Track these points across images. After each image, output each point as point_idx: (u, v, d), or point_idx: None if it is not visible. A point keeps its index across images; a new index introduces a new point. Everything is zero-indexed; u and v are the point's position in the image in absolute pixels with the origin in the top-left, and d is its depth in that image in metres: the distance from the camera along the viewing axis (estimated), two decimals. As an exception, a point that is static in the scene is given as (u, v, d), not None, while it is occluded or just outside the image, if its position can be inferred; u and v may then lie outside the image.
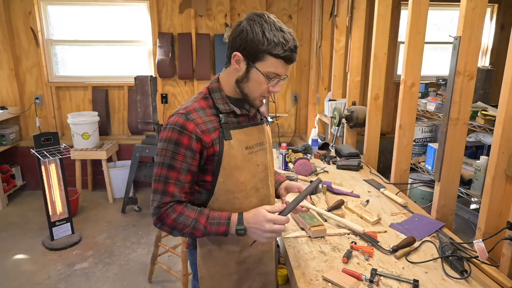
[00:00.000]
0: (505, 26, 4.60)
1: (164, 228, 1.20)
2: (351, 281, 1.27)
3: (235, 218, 1.18)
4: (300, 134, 4.72)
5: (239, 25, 1.17)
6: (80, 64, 4.39)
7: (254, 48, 1.14)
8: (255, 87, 1.21)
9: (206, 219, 1.18)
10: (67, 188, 3.27)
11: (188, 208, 1.20)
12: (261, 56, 1.14)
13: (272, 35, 1.12)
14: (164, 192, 1.17)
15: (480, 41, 1.65)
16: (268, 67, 1.16)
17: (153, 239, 3.11)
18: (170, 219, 1.17)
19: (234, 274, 1.32)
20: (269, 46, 1.13)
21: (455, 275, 1.33)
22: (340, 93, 3.54)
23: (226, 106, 1.24)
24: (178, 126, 1.16)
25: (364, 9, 2.97)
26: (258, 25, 1.13)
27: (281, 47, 1.13)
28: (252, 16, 1.16)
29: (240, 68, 1.19)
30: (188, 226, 1.17)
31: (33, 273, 2.85)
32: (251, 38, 1.13)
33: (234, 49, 1.18)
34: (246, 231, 1.18)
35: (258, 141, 1.31)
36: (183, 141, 1.16)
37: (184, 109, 1.20)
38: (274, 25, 1.14)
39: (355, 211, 1.81)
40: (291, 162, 2.55)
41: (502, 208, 1.45)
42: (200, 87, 4.40)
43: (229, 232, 1.19)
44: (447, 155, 1.76)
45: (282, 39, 1.13)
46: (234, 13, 4.31)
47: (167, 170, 1.17)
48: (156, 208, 1.18)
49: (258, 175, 1.31)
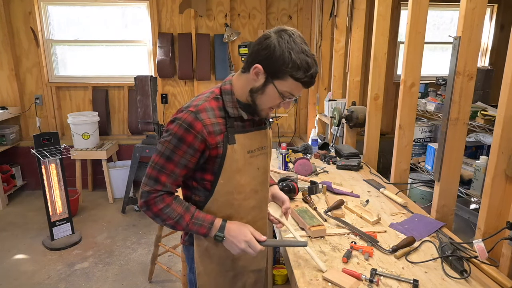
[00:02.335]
0: (505, 26, 4.60)
1: (148, 213, 1.23)
2: (351, 281, 1.27)
3: (218, 224, 1.24)
4: (300, 134, 4.72)
5: (267, 38, 1.15)
6: (80, 64, 4.40)
7: (278, 67, 1.13)
8: (267, 101, 1.22)
9: (191, 217, 1.22)
10: (67, 188, 3.27)
11: (176, 202, 1.23)
12: (282, 75, 1.14)
13: (297, 57, 1.11)
14: (156, 179, 1.20)
15: (480, 41, 1.65)
16: (286, 87, 1.16)
17: (153, 239, 3.11)
18: (157, 207, 1.20)
19: (230, 271, 1.36)
20: (292, 68, 1.12)
21: (455, 275, 1.33)
22: (340, 93, 3.55)
23: (235, 110, 1.25)
24: (185, 123, 1.17)
25: (364, 9, 2.97)
26: (286, 44, 1.12)
27: (304, 72, 1.13)
28: (282, 33, 1.14)
29: (258, 79, 1.18)
30: (172, 219, 1.21)
31: (33, 273, 2.86)
32: (277, 56, 1.12)
33: (257, 61, 1.16)
34: (223, 239, 1.24)
35: (260, 145, 1.33)
36: (188, 138, 1.17)
37: (195, 107, 1.20)
38: (301, 47, 1.13)
39: (355, 211, 1.81)
40: (291, 162, 2.55)
41: (502, 208, 1.45)
42: (200, 87, 4.41)
43: (208, 235, 1.24)
44: (447, 155, 1.76)
45: (306, 64, 1.12)
46: (234, 13, 4.31)
47: (164, 160, 1.19)
48: (146, 192, 1.20)
49: (258, 178, 1.33)
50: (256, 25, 4.35)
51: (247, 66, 1.21)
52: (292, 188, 1.94)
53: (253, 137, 1.30)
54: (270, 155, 1.42)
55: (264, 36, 1.17)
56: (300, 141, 4.43)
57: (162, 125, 3.85)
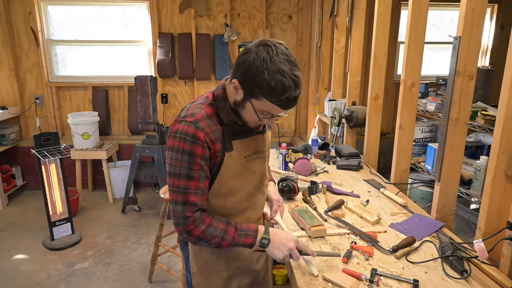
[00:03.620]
0: (505, 26, 4.60)
1: (190, 238, 1.19)
2: (351, 281, 1.27)
3: (262, 229, 1.23)
4: (300, 134, 4.72)
5: (246, 52, 1.09)
6: (80, 64, 4.40)
7: (252, 86, 1.08)
8: (249, 116, 1.19)
9: (235, 230, 1.19)
10: (67, 188, 3.27)
11: (216, 219, 1.20)
12: (257, 95, 1.09)
13: (271, 78, 1.03)
14: (185, 202, 1.16)
15: (480, 41, 1.65)
16: (263, 107, 1.11)
17: (153, 239, 3.11)
18: (199, 230, 1.17)
19: (224, 271, 1.35)
20: (266, 91, 1.05)
21: (455, 275, 1.33)
22: (340, 93, 3.55)
23: (229, 116, 1.21)
24: (189, 136, 1.13)
25: (364, 9, 2.97)
26: (261, 62, 1.04)
27: (278, 95, 1.05)
28: (261, 48, 1.06)
29: (238, 94, 1.15)
30: (216, 237, 1.18)
31: (33, 273, 2.86)
32: (250, 76, 1.06)
33: (236, 75, 1.12)
34: (269, 242, 1.21)
35: (257, 149, 1.31)
36: (197, 151, 1.14)
37: (192, 117, 1.16)
38: (278, 67, 1.03)
39: (355, 211, 1.81)
40: (291, 162, 2.55)
41: (502, 208, 1.45)
42: (200, 87, 4.41)
43: (255, 244, 1.21)
44: (447, 155, 1.76)
45: (281, 86, 1.03)
46: (234, 13, 4.31)
47: (185, 180, 1.15)
48: (182, 218, 1.16)
49: (253, 182, 1.32)
50: (256, 25, 4.35)
51: (230, 77, 1.16)
52: (292, 188, 1.94)
53: (250, 142, 1.28)
54: (268, 159, 1.40)
55: (245, 50, 1.10)
56: (300, 141, 4.43)
57: (162, 125, 3.85)
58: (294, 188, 1.94)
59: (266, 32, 4.33)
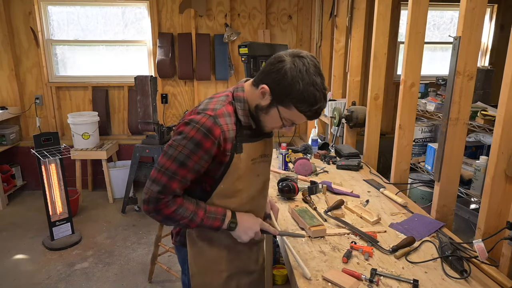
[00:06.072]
0: (505, 26, 4.60)
1: (158, 217, 1.19)
2: (351, 281, 1.27)
3: (229, 213, 1.26)
4: (300, 134, 4.72)
5: (280, 61, 1.11)
6: (80, 64, 4.40)
7: (284, 95, 1.11)
8: (270, 122, 1.21)
9: (204, 212, 1.21)
10: (67, 188, 3.27)
11: (186, 200, 1.21)
12: (287, 104, 1.12)
13: (305, 89, 1.08)
14: (166, 186, 1.15)
15: (480, 41, 1.65)
16: (289, 115, 1.15)
17: (153, 239, 3.11)
18: (169, 210, 1.17)
19: (224, 271, 1.35)
20: (298, 100, 1.10)
21: (455, 275, 1.33)
22: (340, 93, 3.55)
23: (246, 119, 1.22)
24: (204, 128, 1.12)
25: (364, 9, 2.97)
26: (298, 73, 1.08)
27: (309, 106, 1.11)
28: (297, 60, 1.10)
29: (264, 100, 1.16)
30: (186, 218, 1.19)
31: (33, 273, 2.86)
32: (285, 84, 1.09)
33: (265, 81, 1.13)
34: (236, 226, 1.25)
35: (264, 153, 1.32)
36: (206, 144, 1.13)
37: (213, 111, 1.16)
38: (312, 79, 1.09)
39: (355, 211, 1.81)
40: (291, 162, 2.55)
41: (502, 208, 1.45)
42: (200, 87, 4.41)
43: (222, 227, 1.24)
44: (447, 155, 1.76)
45: (313, 98, 1.09)
46: (234, 13, 4.31)
47: (177, 166, 1.14)
48: (155, 198, 1.15)
49: (256, 185, 1.33)
50: (256, 25, 4.35)
51: (256, 82, 1.18)
52: (292, 188, 1.94)
53: (259, 145, 1.29)
54: (270, 163, 1.41)
55: (278, 58, 1.12)
56: (300, 141, 4.43)
57: (162, 125, 3.86)
58: (294, 188, 1.94)
59: (266, 32, 4.33)
